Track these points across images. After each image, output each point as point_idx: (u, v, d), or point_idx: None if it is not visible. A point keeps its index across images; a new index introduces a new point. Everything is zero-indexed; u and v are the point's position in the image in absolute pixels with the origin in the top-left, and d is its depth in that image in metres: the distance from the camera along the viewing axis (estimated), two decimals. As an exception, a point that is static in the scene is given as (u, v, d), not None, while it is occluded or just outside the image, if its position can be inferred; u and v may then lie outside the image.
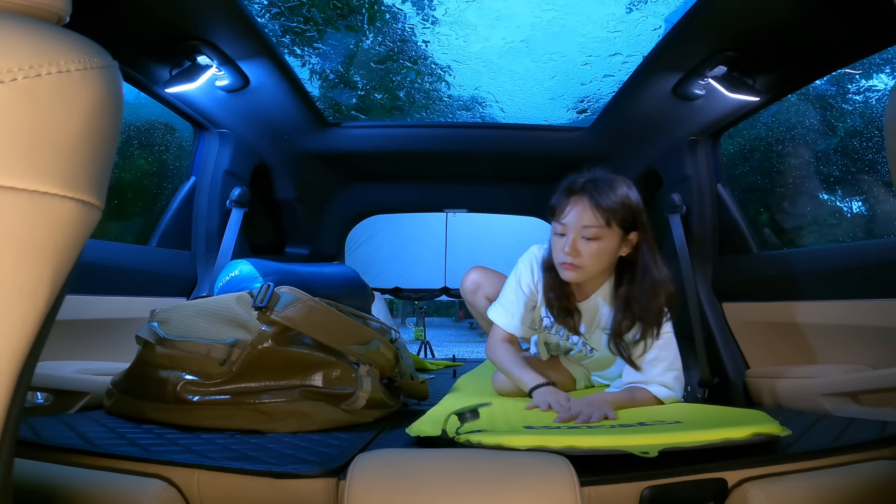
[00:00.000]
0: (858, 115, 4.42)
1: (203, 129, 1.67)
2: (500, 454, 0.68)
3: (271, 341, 0.92)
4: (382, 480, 0.61)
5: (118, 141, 0.42)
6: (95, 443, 0.74)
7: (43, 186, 0.35)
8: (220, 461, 0.67)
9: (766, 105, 1.39)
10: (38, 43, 0.36)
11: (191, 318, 1.01)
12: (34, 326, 0.36)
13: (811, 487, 0.68)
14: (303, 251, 2.26)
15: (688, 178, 1.61)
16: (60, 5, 0.41)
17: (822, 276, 1.21)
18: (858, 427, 0.91)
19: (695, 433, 0.71)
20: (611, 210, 1.05)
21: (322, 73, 5.07)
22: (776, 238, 3.47)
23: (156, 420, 0.90)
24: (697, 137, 1.60)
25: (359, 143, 2.02)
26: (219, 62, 1.32)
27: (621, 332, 1.12)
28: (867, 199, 4.33)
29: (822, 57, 1.18)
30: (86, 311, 1.18)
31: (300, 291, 0.98)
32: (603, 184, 1.07)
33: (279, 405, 0.90)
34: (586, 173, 1.11)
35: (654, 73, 1.39)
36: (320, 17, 4.60)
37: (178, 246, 1.58)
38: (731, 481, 0.68)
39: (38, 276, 0.36)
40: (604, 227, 1.05)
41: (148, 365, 0.96)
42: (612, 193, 1.06)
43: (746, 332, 1.44)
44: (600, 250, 1.07)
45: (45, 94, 0.35)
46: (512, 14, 5.16)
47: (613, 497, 0.65)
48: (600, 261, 1.09)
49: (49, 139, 0.35)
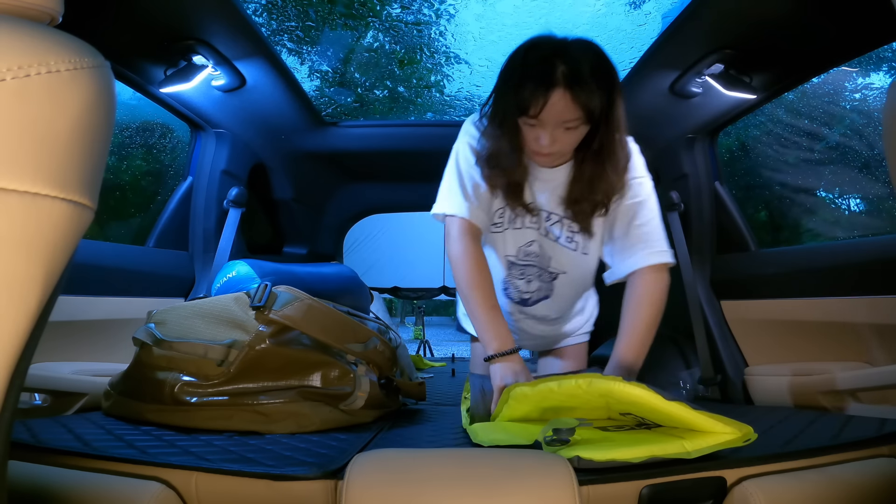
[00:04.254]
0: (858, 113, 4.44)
1: (200, 129, 1.67)
2: (499, 454, 0.68)
3: (269, 342, 0.92)
4: (380, 481, 0.61)
5: (110, 142, 0.42)
6: (93, 445, 0.74)
7: (34, 187, 0.35)
8: (218, 463, 0.67)
9: (763, 103, 1.39)
10: (28, 43, 0.35)
11: (188, 319, 1.01)
12: (26, 328, 0.36)
13: (810, 485, 0.68)
14: (301, 251, 2.26)
15: (685, 176, 1.61)
16: (52, 6, 0.41)
17: (821, 274, 1.21)
18: (857, 424, 0.91)
19: (689, 442, 0.68)
20: (595, 100, 0.90)
21: (323, 72, 5.06)
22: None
23: (154, 422, 0.90)
24: (695, 135, 1.60)
25: (357, 142, 2.01)
26: (215, 62, 1.32)
27: (578, 199, 1.01)
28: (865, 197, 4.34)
29: (818, 54, 1.18)
30: (83, 312, 1.18)
31: (298, 290, 0.98)
32: (582, 69, 0.88)
33: (277, 406, 0.90)
34: (556, 48, 0.90)
35: (651, 70, 1.39)
36: (318, 15, 4.59)
37: (175, 246, 1.58)
38: (730, 479, 0.68)
39: (30, 277, 0.36)
40: (586, 118, 0.92)
41: (145, 366, 0.96)
42: (593, 79, 0.89)
43: (745, 330, 1.44)
44: (581, 135, 0.96)
45: (34, 94, 0.35)
46: (512, 14, 5.17)
47: (612, 496, 0.65)
48: (579, 141, 0.97)
49: (39, 140, 0.35)
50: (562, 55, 0.89)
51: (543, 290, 1.18)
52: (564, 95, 0.88)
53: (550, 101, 0.88)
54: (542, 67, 0.89)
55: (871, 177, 4.07)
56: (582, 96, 0.88)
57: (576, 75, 0.88)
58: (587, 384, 0.76)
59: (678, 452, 0.66)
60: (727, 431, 0.69)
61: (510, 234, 1.11)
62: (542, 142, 0.93)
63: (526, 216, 1.09)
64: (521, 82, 0.91)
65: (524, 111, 0.91)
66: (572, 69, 0.88)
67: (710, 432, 0.70)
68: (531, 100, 0.89)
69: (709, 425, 0.70)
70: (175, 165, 3.45)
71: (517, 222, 1.10)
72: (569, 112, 0.90)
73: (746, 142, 4.31)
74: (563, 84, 0.88)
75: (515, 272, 1.15)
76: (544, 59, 0.89)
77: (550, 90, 0.88)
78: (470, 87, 5.25)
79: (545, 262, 1.13)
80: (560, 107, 0.89)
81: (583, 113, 0.90)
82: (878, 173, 3.98)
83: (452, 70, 5.54)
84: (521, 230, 1.10)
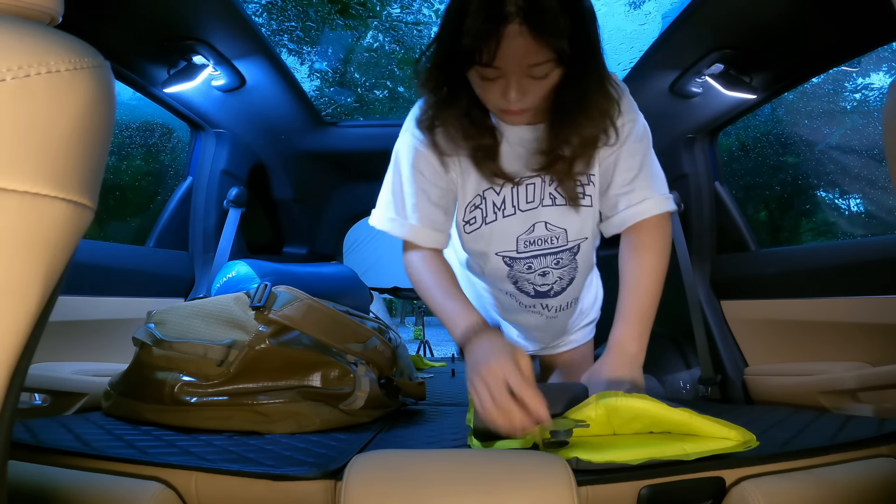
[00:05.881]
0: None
1: (200, 130, 1.67)
2: (498, 454, 0.68)
3: (269, 342, 0.92)
4: (380, 481, 0.61)
5: (111, 142, 0.42)
6: (93, 445, 0.74)
7: (34, 187, 0.35)
8: (217, 463, 0.67)
9: (763, 103, 1.39)
10: (27, 43, 0.35)
11: (188, 319, 1.01)
12: (26, 328, 0.36)
13: (810, 485, 0.68)
14: (301, 251, 2.26)
15: (685, 177, 1.61)
16: (52, 6, 0.41)
17: (821, 274, 1.21)
18: (857, 424, 0.91)
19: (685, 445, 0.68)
20: (563, 33, 0.70)
21: (323, 72, 5.06)
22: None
23: (153, 422, 0.90)
24: (695, 135, 1.60)
25: (356, 142, 2.01)
26: (215, 62, 1.32)
27: (561, 153, 0.83)
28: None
29: (819, 54, 1.18)
30: (83, 312, 1.18)
31: (298, 290, 0.98)
32: None
33: (277, 406, 0.90)
34: None
35: (651, 70, 1.39)
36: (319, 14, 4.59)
37: (175, 246, 1.58)
38: (729, 480, 0.68)
39: (30, 277, 0.36)
40: (555, 60, 0.72)
41: (145, 366, 0.96)
42: (557, 5, 0.69)
43: (745, 330, 1.44)
44: (554, 81, 0.76)
45: (34, 94, 0.35)
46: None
47: (611, 496, 0.65)
48: (552, 88, 0.77)
49: (39, 140, 0.35)
50: None
51: (566, 273, 0.98)
52: (522, 30, 0.69)
53: (505, 39, 0.69)
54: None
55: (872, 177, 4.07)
56: (544, 28, 0.69)
57: (534, 2, 0.68)
58: (600, 407, 0.72)
59: (677, 455, 0.65)
60: (729, 437, 0.68)
61: (500, 226, 0.92)
62: (510, 96, 0.74)
63: (518, 197, 0.90)
64: (463, 22, 0.70)
65: (474, 58, 0.71)
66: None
67: (711, 437, 0.69)
68: (481, 43, 0.70)
69: (713, 430, 0.69)
70: (175, 165, 3.45)
71: (507, 209, 0.90)
72: (532, 53, 0.70)
73: (746, 141, 4.32)
74: (519, 16, 0.68)
75: (520, 266, 0.97)
76: None
77: (503, 25, 0.68)
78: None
79: (561, 240, 0.94)
80: (519, 45, 0.69)
81: (550, 52, 0.71)
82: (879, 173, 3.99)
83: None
84: (513, 217, 0.91)
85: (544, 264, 0.96)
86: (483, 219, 0.92)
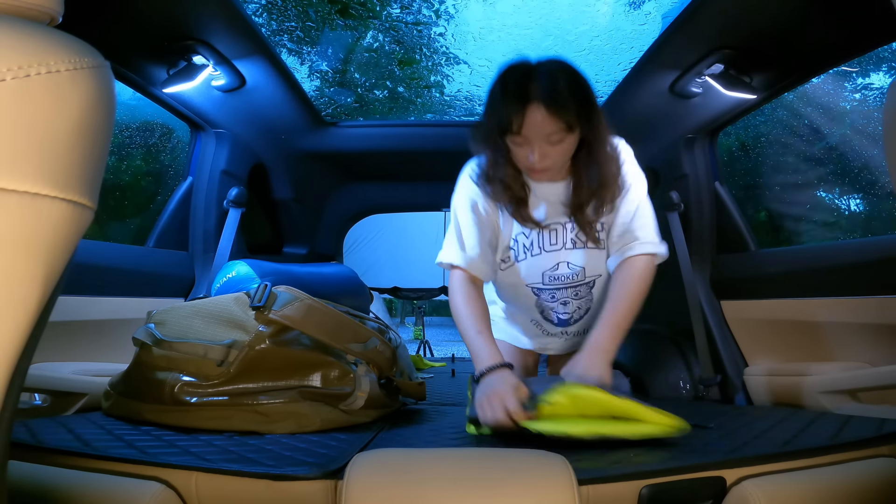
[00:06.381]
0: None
1: (200, 130, 1.67)
2: (499, 453, 0.68)
3: (269, 342, 0.92)
4: (380, 481, 0.61)
5: (111, 142, 0.42)
6: (93, 445, 0.74)
7: (34, 187, 0.35)
8: (218, 463, 0.67)
9: (763, 103, 1.39)
10: (28, 43, 0.35)
11: (188, 319, 1.01)
12: (26, 328, 0.36)
13: (810, 485, 0.68)
14: (300, 251, 2.26)
15: (685, 176, 1.61)
16: (52, 6, 0.41)
17: (821, 274, 1.21)
18: (857, 424, 0.91)
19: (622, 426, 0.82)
20: (571, 111, 0.97)
21: (323, 72, 5.05)
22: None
23: (154, 422, 0.90)
24: (695, 135, 1.60)
25: (356, 142, 2.01)
26: (215, 62, 1.32)
27: (581, 204, 1.07)
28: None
29: (819, 54, 1.18)
30: (83, 312, 1.18)
31: (298, 290, 0.98)
32: (555, 83, 0.97)
33: (277, 406, 0.90)
34: (530, 68, 0.99)
35: (651, 70, 1.39)
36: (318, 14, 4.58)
37: (175, 246, 1.58)
38: (730, 479, 0.68)
39: (30, 277, 0.36)
40: (566, 130, 0.98)
41: (145, 366, 0.96)
42: (567, 91, 0.97)
43: (744, 330, 1.44)
44: (568, 147, 1.02)
45: (35, 94, 0.35)
46: (512, 14, 5.16)
47: (612, 496, 0.65)
48: (568, 154, 1.04)
49: (39, 140, 0.35)
50: (535, 73, 0.98)
51: (584, 304, 1.20)
52: (540, 108, 0.95)
53: (528, 115, 0.96)
54: (518, 86, 0.98)
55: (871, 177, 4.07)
56: (558, 107, 0.95)
57: (549, 89, 0.96)
58: (563, 394, 0.88)
59: (620, 433, 0.81)
60: (665, 423, 0.82)
61: (529, 263, 1.15)
62: (532, 158, 1.00)
63: (544, 240, 1.13)
64: (501, 103, 0.99)
65: (507, 129, 0.98)
66: (545, 84, 0.96)
67: (651, 422, 0.83)
68: (512, 117, 0.97)
69: (653, 417, 0.83)
70: (175, 165, 3.45)
71: (534, 249, 1.14)
72: (548, 124, 0.96)
73: (746, 141, 4.32)
74: (539, 98, 0.95)
75: (546, 296, 1.19)
76: (519, 79, 0.98)
77: (527, 105, 0.96)
78: (470, 87, 5.24)
79: (580, 276, 1.16)
80: (539, 119, 0.96)
81: (562, 123, 0.96)
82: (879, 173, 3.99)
83: (452, 70, 5.54)
84: (540, 256, 1.14)
85: (566, 295, 1.18)
86: (516, 257, 1.16)
